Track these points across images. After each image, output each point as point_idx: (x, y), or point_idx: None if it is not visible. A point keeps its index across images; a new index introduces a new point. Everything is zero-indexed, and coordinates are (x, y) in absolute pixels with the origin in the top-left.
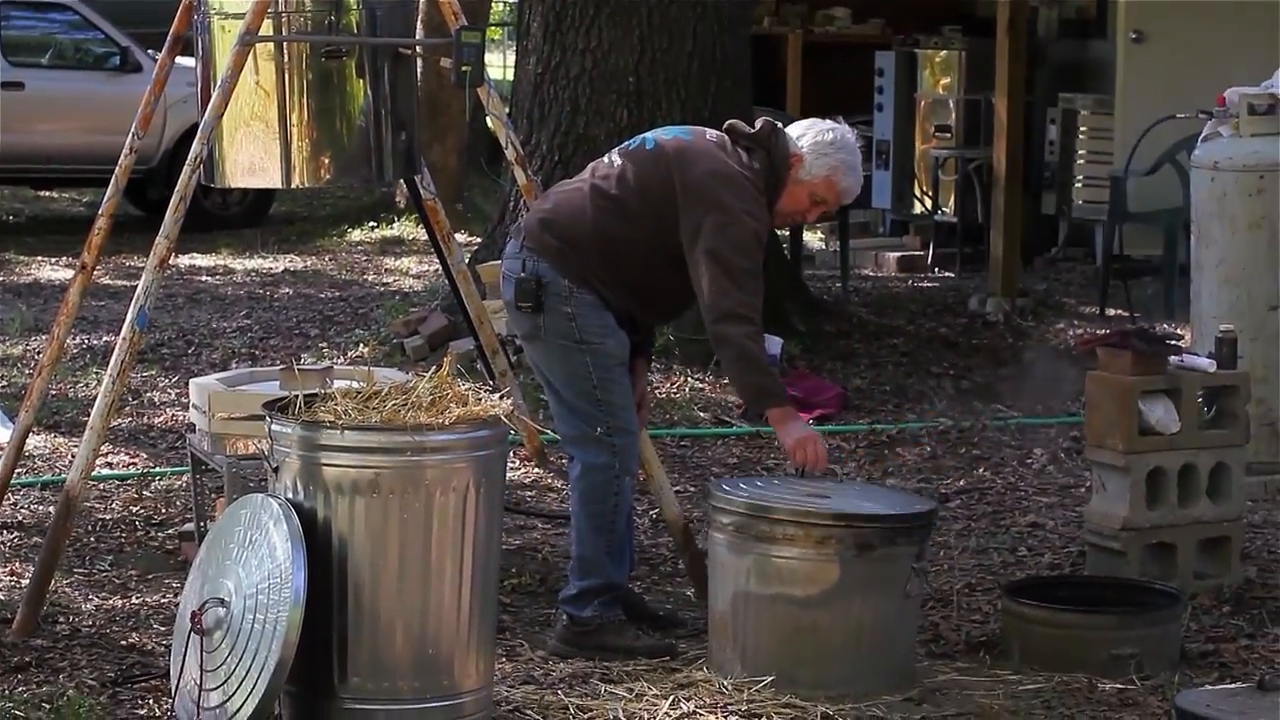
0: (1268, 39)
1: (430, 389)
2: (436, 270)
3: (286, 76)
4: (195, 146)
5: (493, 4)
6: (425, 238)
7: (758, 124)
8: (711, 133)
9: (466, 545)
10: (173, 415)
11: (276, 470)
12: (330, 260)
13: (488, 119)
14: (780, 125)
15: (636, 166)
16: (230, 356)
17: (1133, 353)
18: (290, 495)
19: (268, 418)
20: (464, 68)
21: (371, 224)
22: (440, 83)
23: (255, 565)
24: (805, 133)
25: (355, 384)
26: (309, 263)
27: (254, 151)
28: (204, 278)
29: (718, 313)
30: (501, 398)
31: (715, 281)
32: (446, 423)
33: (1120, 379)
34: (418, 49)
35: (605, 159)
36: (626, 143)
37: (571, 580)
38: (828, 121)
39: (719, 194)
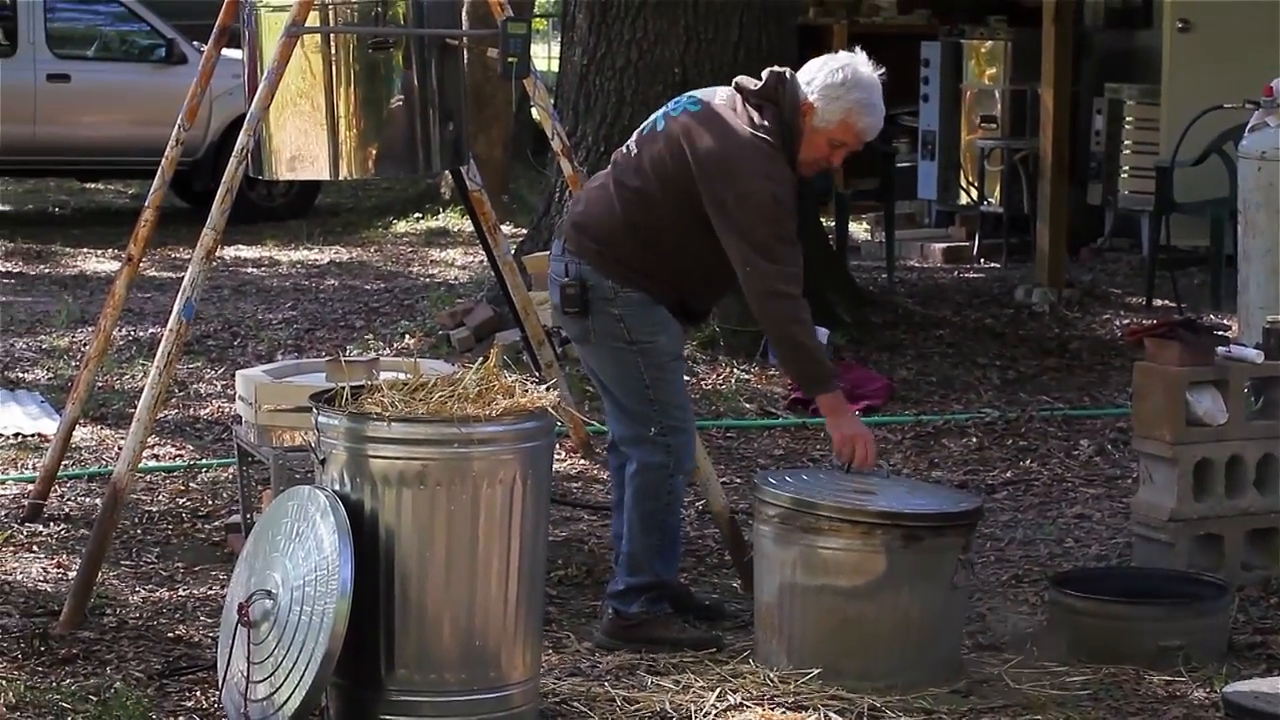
0: None
1: (477, 381)
2: (482, 261)
3: (333, 68)
4: (242, 138)
5: None
6: (470, 229)
7: (764, 76)
8: (722, 93)
9: (513, 537)
10: (219, 407)
11: (323, 462)
12: (376, 252)
13: (533, 110)
14: (788, 73)
15: (651, 152)
16: (276, 348)
17: (1180, 343)
18: (337, 487)
19: (314, 409)
20: (510, 59)
21: (417, 215)
22: (486, 74)
23: (302, 557)
24: (815, 76)
25: (402, 376)
26: (354, 254)
27: (301, 143)
28: (249, 269)
29: (757, 295)
30: (548, 389)
31: (746, 261)
32: (493, 414)
33: (1168, 370)
34: (464, 40)
35: (624, 148)
36: (643, 125)
37: (619, 576)
38: (839, 57)
39: (731, 165)
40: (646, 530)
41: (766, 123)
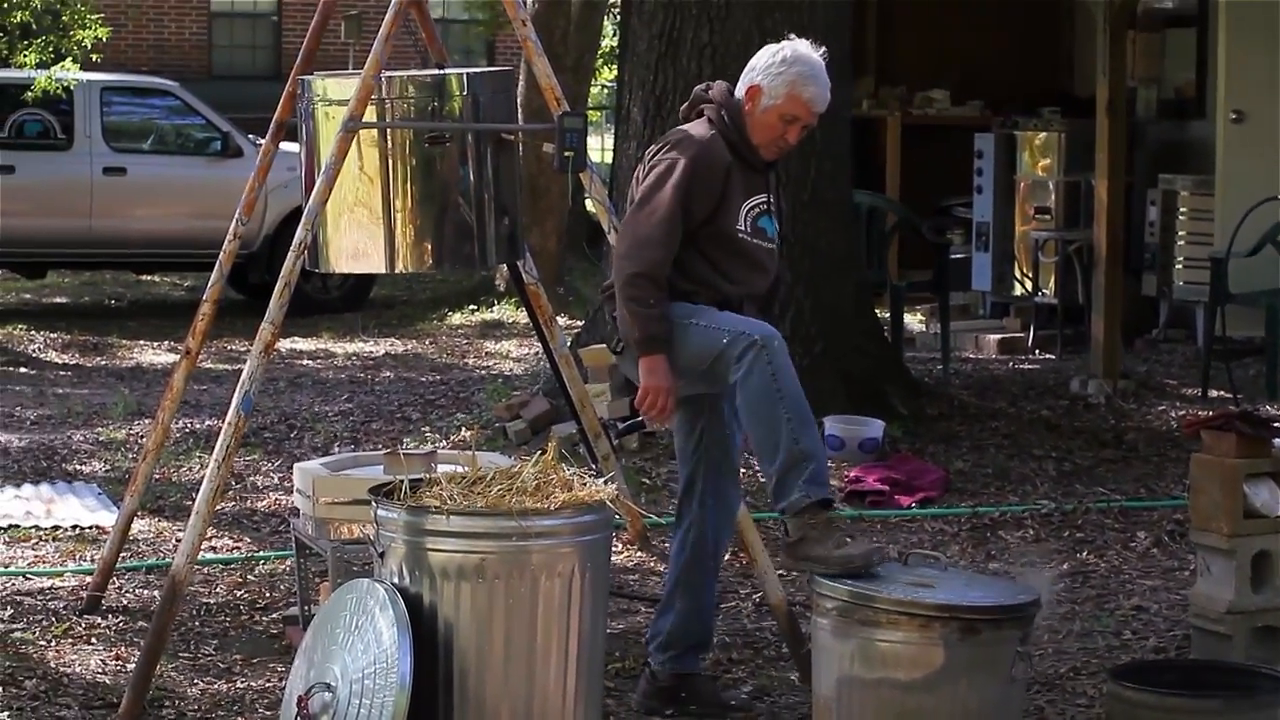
0: None
1: (535, 474)
2: (537, 353)
3: (390, 162)
4: (300, 232)
5: (591, 87)
6: (525, 320)
7: (695, 91)
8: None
9: (572, 630)
10: (276, 499)
11: (382, 555)
12: (431, 344)
13: (588, 202)
14: (710, 83)
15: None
16: (332, 440)
17: (1237, 435)
18: (396, 580)
19: (373, 503)
20: (566, 153)
21: (472, 307)
22: (540, 166)
23: (361, 650)
24: (757, 62)
25: (460, 469)
26: (409, 346)
27: (358, 237)
28: (305, 361)
29: (617, 252)
30: (605, 482)
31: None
32: (552, 508)
33: (1225, 461)
34: (520, 134)
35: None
36: None
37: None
38: (781, 43)
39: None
40: (775, 428)
41: (707, 118)
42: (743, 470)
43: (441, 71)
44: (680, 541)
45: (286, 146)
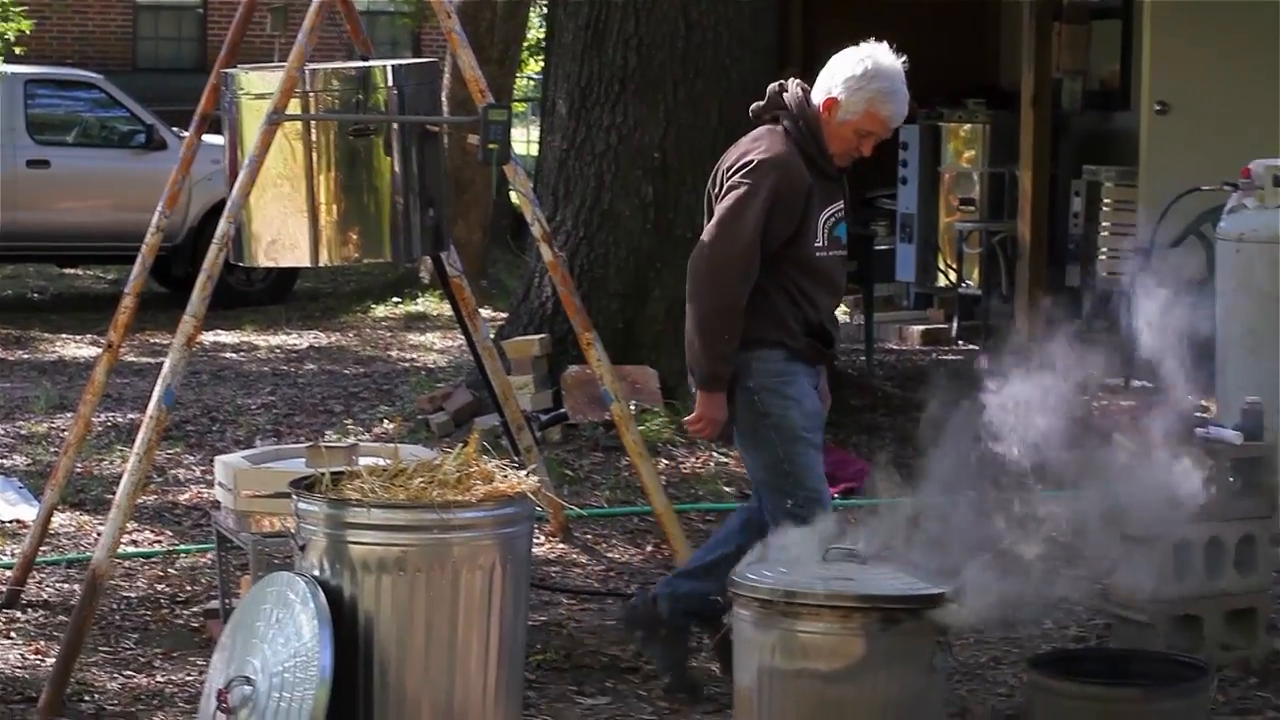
0: None
1: (456, 466)
2: (461, 346)
3: (314, 155)
4: (223, 225)
5: (517, 79)
6: (449, 312)
7: (767, 93)
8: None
9: (493, 622)
10: (197, 492)
11: (303, 548)
12: (354, 336)
13: (512, 194)
14: (786, 82)
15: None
16: (254, 433)
17: (1159, 425)
18: (317, 573)
19: (295, 496)
20: (491, 145)
21: (395, 300)
22: (464, 158)
23: (282, 644)
24: (838, 69)
25: (382, 461)
26: (333, 339)
27: (282, 229)
28: (228, 354)
29: (692, 281)
30: (527, 474)
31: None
32: (473, 500)
33: (1147, 451)
34: (444, 126)
35: None
36: None
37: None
38: (862, 49)
39: (730, 169)
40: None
41: (780, 128)
42: (665, 461)
43: (366, 64)
44: (742, 522)
45: (210, 139)
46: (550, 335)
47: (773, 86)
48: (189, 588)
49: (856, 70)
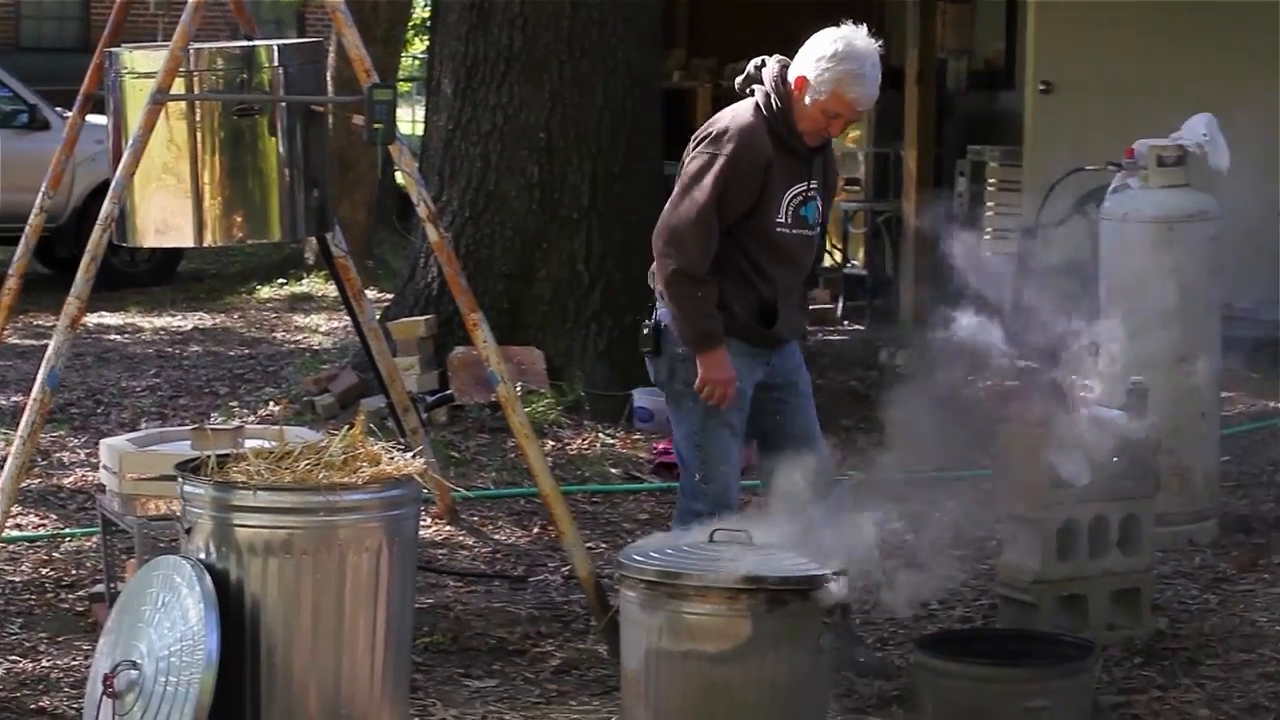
0: (1175, 90)
1: (343, 448)
2: (346, 327)
3: (198, 135)
4: (107, 206)
5: (401, 59)
6: (334, 294)
7: (751, 65)
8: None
9: (380, 605)
10: (82, 475)
11: (189, 531)
12: (239, 318)
13: (397, 175)
14: (766, 58)
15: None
16: (139, 416)
17: (1044, 405)
18: (203, 556)
19: (180, 479)
20: (376, 125)
21: (280, 281)
22: (349, 138)
23: (168, 627)
24: (811, 50)
25: (267, 444)
26: (218, 320)
27: (166, 210)
28: (113, 336)
29: (655, 248)
30: (414, 456)
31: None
32: (359, 482)
33: (1031, 432)
34: (329, 106)
35: None
36: None
37: None
38: (840, 30)
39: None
40: None
41: (756, 102)
42: (551, 442)
43: (250, 43)
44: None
45: (94, 119)
46: (436, 316)
47: (755, 61)
48: (74, 572)
49: (828, 51)
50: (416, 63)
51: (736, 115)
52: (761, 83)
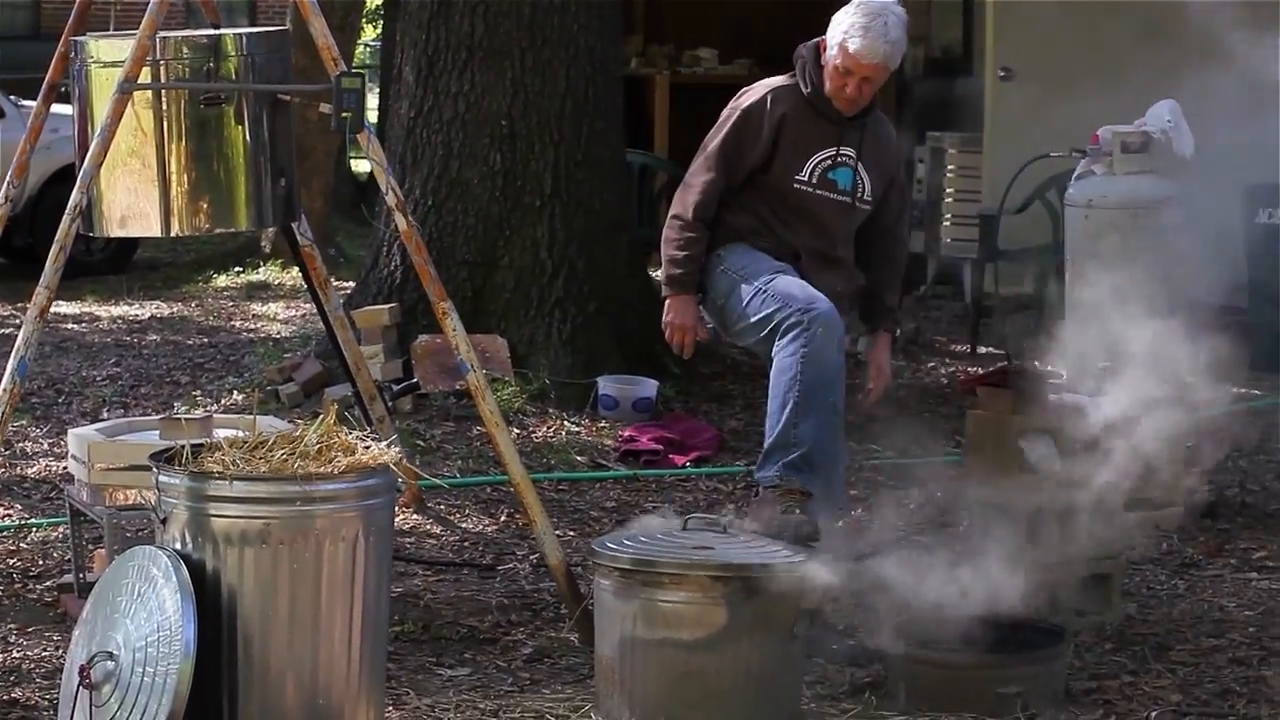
0: (1137, 76)
1: (317, 437)
2: (305, 315)
3: (165, 124)
4: (75, 195)
5: (355, 47)
6: (292, 282)
7: None
8: None
9: (356, 594)
10: (46, 465)
11: (164, 521)
12: (197, 307)
13: (352, 163)
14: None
15: None
16: (101, 405)
17: (1013, 392)
18: (178, 546)
19: (155, 468)
20: (345, 114)
21: (237, 269)
22: (306, 126)
23: (144, 618)
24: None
25: (238, 433)
26: (175, 309)
27: (132, 200)
28: (70, 325)
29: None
30: (388, 445)
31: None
32: (335, 472)
33: (1001, 418)
34: (295, 95)
35: None
36: None
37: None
38: None
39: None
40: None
41: (796, 68)
42: (516, 430)
43: (217, 32)
44: None
45: (57, 108)
46: (400, 304)
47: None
48: (41, 562)
49: (847, 9)
50: (369, 50)
51: (769, 79)
52: (801, 57)
